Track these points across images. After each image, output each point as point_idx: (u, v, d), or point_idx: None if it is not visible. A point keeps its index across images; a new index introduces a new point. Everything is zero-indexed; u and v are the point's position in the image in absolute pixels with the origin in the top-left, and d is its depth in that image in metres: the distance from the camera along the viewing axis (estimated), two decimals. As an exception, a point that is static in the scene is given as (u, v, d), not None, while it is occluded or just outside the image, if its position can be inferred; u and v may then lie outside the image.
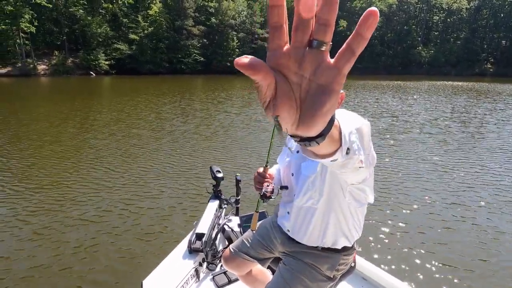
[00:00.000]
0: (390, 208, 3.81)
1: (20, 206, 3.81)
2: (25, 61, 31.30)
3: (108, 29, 36.01)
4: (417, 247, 3.07)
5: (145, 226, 3.38)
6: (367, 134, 0.67)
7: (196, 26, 41.85)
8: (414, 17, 56.38)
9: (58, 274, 2.61)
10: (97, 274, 2.63)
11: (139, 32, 38.02)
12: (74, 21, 34.75)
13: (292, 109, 0.32)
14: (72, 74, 32.88)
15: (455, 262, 2.85)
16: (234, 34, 45.85)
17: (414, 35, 54.04)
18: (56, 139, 6.94)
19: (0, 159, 5.47)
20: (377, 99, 15.41)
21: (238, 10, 46.35)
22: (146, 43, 37.59)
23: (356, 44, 0.30)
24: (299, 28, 0.29)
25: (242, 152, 6.22)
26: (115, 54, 36.13)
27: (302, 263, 1.27)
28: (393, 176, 4.85)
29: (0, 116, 9.44)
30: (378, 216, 3.59)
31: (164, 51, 38.81)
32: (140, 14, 39.17)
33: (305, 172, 1.18)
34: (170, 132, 7.82)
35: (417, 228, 3.42)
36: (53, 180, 4.60)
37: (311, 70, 0.31)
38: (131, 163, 5.46)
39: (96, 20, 35.05)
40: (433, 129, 8.53)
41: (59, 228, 3.32)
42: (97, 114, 10.04)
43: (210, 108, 11.60)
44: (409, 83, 28.51)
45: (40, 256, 2.84)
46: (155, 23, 38.19)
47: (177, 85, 22.79)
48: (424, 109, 12.26)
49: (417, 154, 6.08)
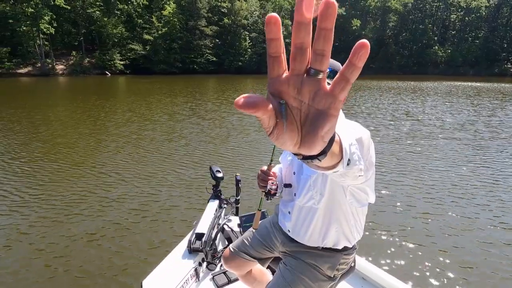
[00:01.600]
0: (391, 208, 3.81)
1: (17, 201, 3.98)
2: (44, 61, 32.38)
3: (123, 30, 36.81)
4: (417, 247, 3.08)
5: (144, 226, 3.39)
6: (367, 144, 0.74)
7: (209, 27, 42.20)
8: (430, 15, 55.02)
9: (57, 274, 2.62)
10: (96, 274, 2.64)
11: (153, 32, 38.67)
12: (91, 22, 35.69)
13: (294, 132, 0.35)
14: (88, 73, 33.81)
15: (455, 262, 2.85)
16: (247, 34, 45.98)
17: (430, 34, 52.76)
18: (71, 134, 7.21)
19: (16, 150, 5.75)
20: (394, 100, 15.02)
21: (250, 10, 46.45)
22: (160, 43, 38.20)
23: (349, 73, 0.31)
24: (296, 58, 0.31)
25: (242, 152, 6.24)
26: (129, 54, 36.93)
27: (303, 263, 1.28)
28: (397, 176, 4.83)
29: (18, 114, 9.86)
30: (378, 216, 3.60)
31: (177, 51, 39.34)
32: (154, 14, 39.83)
33: (307, 171, 1.19)
34: (170, 132, 7.85)
35: (418, 228, 3.42)
36: (52, 179, 4.67)
37: (309, 96, 0.33)
38: (130, 163, 5.48)
39: (112, 21, 35.88)
40: (461, 134, 8.07)
41: (58, 227, 3.33)
42: (108, 114, 10.32)
43: (216, 109, 11.71)
44: (427, 84, 27.70)
45: (38, 257, 2.83)
46: (169, 23, 38.74)
47: (189, 85, 23.07)
48: (448, 112, 11.73)
49: (444, 159, 6.02)
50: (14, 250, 2.95)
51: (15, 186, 4.41)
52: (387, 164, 5.49)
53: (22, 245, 3.05)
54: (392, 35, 55.05)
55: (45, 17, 30.54)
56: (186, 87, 20.92)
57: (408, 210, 3.85)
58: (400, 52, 52.65)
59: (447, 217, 3.69)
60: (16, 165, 5.24)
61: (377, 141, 7.12)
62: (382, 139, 7.31)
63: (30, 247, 3.01)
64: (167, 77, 32.79)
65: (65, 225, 3.40)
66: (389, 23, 54.70)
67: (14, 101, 13.34)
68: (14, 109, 10.95)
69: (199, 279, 1.93)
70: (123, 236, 3.19)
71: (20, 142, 6.74)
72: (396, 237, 3.27)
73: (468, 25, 54.29)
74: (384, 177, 4.88)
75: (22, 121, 8.95)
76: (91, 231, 3.29)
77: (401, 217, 3.69)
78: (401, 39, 53.74)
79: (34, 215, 3.63)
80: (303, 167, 1.22)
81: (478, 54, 50.28)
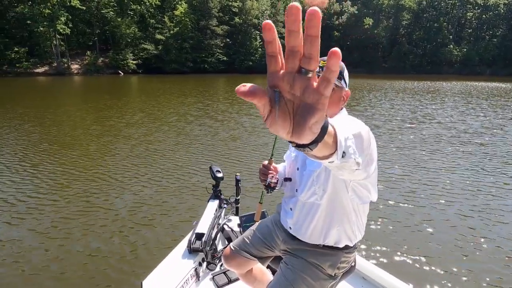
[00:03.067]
0: (391, 208, 3.81)
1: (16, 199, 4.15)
2: (60, 60, 33.27)
3: (136, 30, 37.42)
4: (417, 247, 3.08)
5: (144, 226, 3.39)
6: (366, 138, 0.79)
7: (220, 26, 42.42)
8: (445, 13, 53.68)
9: (57, 274, 2.63)
10: (96, 274, 2.64)
11: (165, 32, 39.16)
12: (105, 22, 36.44)
13: (287, 121, 0.40)
14: (102, 73, 34.56)
15: (456, 262, 2.85)
16: (257, 33, 46.01)
17: (445, 32, 51.50)
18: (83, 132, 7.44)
19: (29, 146, 5.99)
20: (410, 101, 14.59)
21: (261, 9, 46.45)
22: (171, 43, 38.65)
23: (328, 75, 0.37)
24: (289, 59, 0.37)
25: (242, 152, 6.25)
26: (142, 54, 37.53)
27: (304, 262, 1.27)
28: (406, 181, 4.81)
29: (36, 112, 10.22)
30: (379, 216, 3.60)
31: (188, 51, 39.72)
32: (166, 14, 40.31)
33: (310, 167, 1.21)
34: (173, 132, 7.90)
35: (418, 228, 3.42)
36: (52, 179, 4.74)
37: (300, 91, 0.38)
38: (130, 163, 5.51)
39: (125, 21, 36.53)
40: (487, 138, 7.63)
41: (57, 226, 3.36)
42: (118, 114, 10.55)
43: (224, 109, 11.78)
44: (442, 84, 26.98)
45: (37, 257, 2.84)
46: (180, 23, 39.15)
47: (199, 84, 23.30)
48: (472, 114, 11.20)
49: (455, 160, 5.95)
50: (7, 249, 2.97)
51: (18, 184, 4.52)
52: (393, 162, 5.46)
53: (18, 243, 3.07)
54: (405, 34, 54.01)
55: (61, 18, 31.35)
56: (196, 87, 21.15)
57: (409, 210, 3.84)
58: (414, 51, 51.60)
59: (448, 218, 3.68)
60: (24, 162, 5.46)
61: (392, 144, 7.08)
62: (400, 142, 7.25)
63: (29, 246, 3.02)
64: (179, 76, 33.17)
65: (64, 225, 3.41)
66: (402, 22, 53.67)
67: (31, 99, 13.81)
68: (29, 109, 11.34)
69: (199, 279, 1.93)
70: (123, 236, 3.19)
71: (35, 140, 6.99)
72: (396, 237, 3.28)
73: (485, 23, 52.75)
74: (386, 176, 4.86)
75: (35, 120, 9.27)
76: (91, 231, 3.30)
77: (401, 217, 3.69)
78: (414, 37, 52.65)
79: (34, 214, 3.67)
80: (307, 163, 1.24)
81: (495, 53, 48.81)
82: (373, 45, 52.57)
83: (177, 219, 3.56)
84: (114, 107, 11.81)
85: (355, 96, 16.06)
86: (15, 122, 8.82)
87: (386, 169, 5.29)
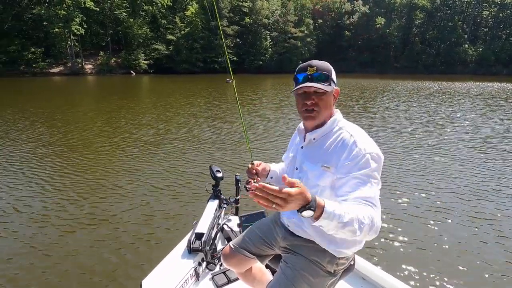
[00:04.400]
0: (391, 208, 3.81)
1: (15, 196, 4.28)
2: (74, 61, 34.10)
3: (147, 30, 37.99)
4: (418, 247, 3.09)
5: (144, 226, 3.39)
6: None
7: (230, 26, 42.61)
8: (460, 12, 52.44)
9: (56, 274, 2.63)
10: (96, 273, 2.63)
11: (176, 32, 39.58)
12: (117, 23, 37.14)
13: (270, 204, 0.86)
14: (114, 73, 35.24)
15: (456, 262, 2.86)
16: (267, 33, 46.01)
17: (459, 31, 50.29)
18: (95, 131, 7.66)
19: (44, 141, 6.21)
20: (426, 102, 14.16)
21: (272, 9, 46.41)
22: (182, 43, 39.05)
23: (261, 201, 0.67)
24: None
25: (243, 152, 6.30)
26: (153, 54, 38.08)
27: (303, 259, 1.29)
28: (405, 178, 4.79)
29: (46, 113, 10.57)
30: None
31: (199, 51, 40.06)
32: (178, 15, 40.75)
33: (308, 167, 1.25)
34: (173, 133, 7.93)
35: (418, 228, 3.42)
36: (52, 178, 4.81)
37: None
38: (130, 162, 5.54)
39: (137, 22, 37.14)
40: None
41: (57, 226, 3.39)
42: (127, 114, 10.78)
43: (231, 110, 11.89)
44: (458, 84, 26.10)
45: (36, 256, 2.86)
46: (191, 23, 39.52)
47: (209, 85, 23.48)
48: (494, 118, 10.46)
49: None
50: (6, 246, 3.03)
51: (22, 183, 4.63)
52: (397, 163, 5.43)
53: (16, 241, 3.12)
54: (418, 33, 53.04)
55: (76, 19, 32.10)
56: (206, 87, 21.35)
57: (410, 210, 3.83)
58: (427, 51, 50.59)
59: (449, 218, 3.68)
60: (32, 161, 5.67)
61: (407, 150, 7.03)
62: (413, 148, 7.20)
63: (27, 244, 3.05)
64: (189, 76, 33.50)
65: (64, 224, 3.43)
66: (415, 21, 52.72)
67: (45, 100, 14.25)
68: (42, 109, 11.70)
69: (198, 279, 1.93)
70: (122, 236, 3.19)
71: (55, 140, 7.25)
72: (396, 236, 3.29)
73: (502, 21, 51.26)
74: (388, 176, 4.85)
75: (50, 120, 9.58)
76: (91, 231, 3.31)
77: (402, 216, 3.69)
78: (428, 37, 51.62)
79: (33, 212, 3.72)
80: (304, 163, 1.27)
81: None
82: (385, 44, 51.83)
83: (177, 219, 3.56)
84: (123, 108, 11.96)
85: (367, 98, 15.83)
86: (26, 122, 9.13)
87: (393, 169, 5.28)
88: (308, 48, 49.30)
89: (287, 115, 10.59)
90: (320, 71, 1.17)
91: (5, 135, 7.49)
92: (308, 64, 1.19)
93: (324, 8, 53.46)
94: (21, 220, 3.57)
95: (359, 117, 10.47)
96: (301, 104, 1.22)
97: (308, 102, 1.18)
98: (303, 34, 48.23)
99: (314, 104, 1.18)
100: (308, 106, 1.19)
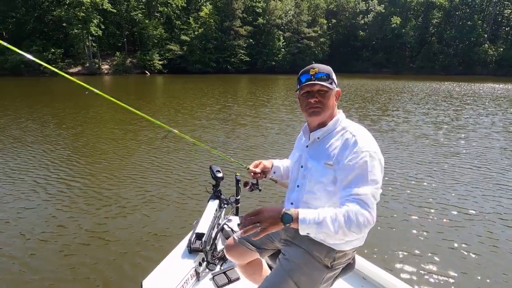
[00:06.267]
0: (392, 208, 3.82)
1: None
2: (92, 61, 35.10)
3: (162, 31, 38.68)
4: (418, 247, 3.11)
5: (144, 226, 3.38)
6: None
7: (243, 27, 42.80)
8: (480, 11, 50.78)
9: (56, 275, 2.64)
10: (96, 274, 2.63)
11: (190, 33, 40.11)
12: (133, 24, 38.01)
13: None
14: (130, 73, 36.09)
15: (456, 262, 2.87)
16: (280, 33, 45.96)
17: (479, 31, 48.69)
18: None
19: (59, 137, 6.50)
20: (447, 106, 13.34)
21: (285, 9, 46.32)
22: (196, 43, 39.53)
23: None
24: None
25: (243, 152, 6.31)
26: (167, 54, 38.74)
27: (301, 251, 1.31)
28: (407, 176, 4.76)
29: (61, 114, 10.98)
30: (380, 216, 3.61)
31: (212, 51, 40.46)
32: (192, 16, 41.27)
33: (311, 167, 1.29)
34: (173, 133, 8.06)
35: (419, 227, 3.44)
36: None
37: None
38: (130, 162, 5.56)
39: (153, 23, 37.88)
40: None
41: (56, 225, 3.41)
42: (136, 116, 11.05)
43: (237, 111, 11.94)
44: (478, 86, 24.87)
45: (36, 256, 2.88)
46: (205, 24, 39.93)
47: (221, 85, 23.67)
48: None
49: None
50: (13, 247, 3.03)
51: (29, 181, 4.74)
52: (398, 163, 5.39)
53: (18, 241, 3.14)
54: (435, 33, 51.72)
55: (94, 20, 33.05)
56: (217, 87, 21.56)
57: (410, 210, 3.81)
58: (444, 51, 49.26)
59: (449, 218, 3.68)
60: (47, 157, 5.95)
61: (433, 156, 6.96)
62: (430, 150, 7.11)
63: (24, 244, 3.06)
64: (202, 76, 33.80)
65: (64, 224, 3.44)
66: (432, 20, 51.43)
67: (68, 99, 14.78)
68: (61, 109, 12.16)
69: (199, 279, 1.93)
70: (122, 236, 3.18)
71: (68, 139, 7.56)
72: (396, 236, 3.30)
73: (524, 20, 49.38)
74: (389, 179, 4.84)
75: (66, 119, 9.97)
76: (91, 231, 3.32)
77: (402, 217, 3.70)
78: (445, 36, 50.25)
79: (34, 211, 3.77)
80: (309, 161, 1.32)
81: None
82: (400, 44, 50.82)
83: (177, 219, 3.56)
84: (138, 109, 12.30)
85: (380, 100, 15.46)
86: (56, 120, 9.52)
87: (396, 169, 5.25)
88: (321, 48, 48.95)
89: (292, 119, 10.63)
90: (321, 72, 1.25)
91: (42, 129, 7.88)
92: (311, 67, 1.28)
93: (338, 7, 52.92)
94: (19, 214, 3.67)
95: (379, 120, 10.00)
96: (305, 103, 1.29)
97: (312, 100, 1.25)
98: (317, 34, 47.92)
99: (318, 101, 1.25)
100: (312, 104, 1.26)
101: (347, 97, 16.04)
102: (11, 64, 29.18)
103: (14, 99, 14.79)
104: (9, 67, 29.15)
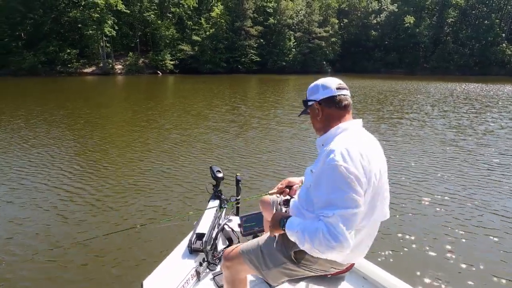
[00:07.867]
0: (392, 208, 3.79)
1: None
2: (106, 61, 35.83)
3: (174, 32, 39.14)
4: (419, 247, 3.11)
5: (144, 226, 3.42)
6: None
7: (254, 27, 42.84)
8: (497, 10, 49.26)
9: (57, 274, 2.67)
10: (96, 274, 2.66)
11: (201, 33, 40.42)
12: (146, 25, 38.60)
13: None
14: (142, 73, 36.65)
15: (457, 262, 2.87)
16: (291, 33, 45.77)
17: (497, 30, 47.25)
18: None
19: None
20: (466, 108, 12.44)
21: (296, 9, 46.11)
22: (207, 44, 39.79)
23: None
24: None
25: (242, 152, 6.36)
26: (179, 54, 39.12)
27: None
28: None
29: (76, 113, 11.29)
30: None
31: (223, 52, 40.64)
32: (203, 16, 41.59)
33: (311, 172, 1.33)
34: (174, 133, 8.02)
35: (419, 228, 3.44)
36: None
37: None
38: (130, 162, 5.63)
39: (165, 23, 38.38)
40: None
41: (56, 225, 3.46)
42: (145, 117, 11.20)
43: (240, 111, 11.95)
44: (497, 87, 23.87)
45: (35, 256, 2.90)
46: (216, 24, 40.18)
47: (231, 85, 23.78)
48: None
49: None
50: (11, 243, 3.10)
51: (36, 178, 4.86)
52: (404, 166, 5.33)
53: (19, 239, 3.20)
54: (450, 32, 50.47)
55: (108, 21, 33.73)
56: (228, 87, 21.68)
57: (411, 210, 3.81)
58: (460, 50, 48.00)
59: (449, 217, 3.67)
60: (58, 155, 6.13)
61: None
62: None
63: (24, 244, 3.10)
64: (212, 76, 34.02)
65: (64, 224, 3.49)
66: (447, 19, 50.22)
67: (84, 98, 15.18)
68: (74, 110, 12.49)
69: (199, 279, 1.94)
70: (122, 236, 3.21)
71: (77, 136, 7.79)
72: (397, 236, 3.30)
73: (545, 19, 47.63)
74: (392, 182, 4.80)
75: (79, 119, 10.24)
76: (91, 230, 3.36)
77: (402, 216, 3.70)
78: (461, 36, 48.97)
79: (34, 211, 3.82)
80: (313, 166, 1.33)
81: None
82: (414, 44, 49.80)
83: (178, 219, 3.49)
84: (142, 111, 11.95)
85: (393, 102, 14.82)
86: (70, 118, 9.82)
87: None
88: (332, 48, 48.46)
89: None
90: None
91: (67, 126, 8.16)
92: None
93: (350, 7, 52.30)
94: (26, 213, 3.76)
95: (398, 124, 9.60)
96: None
97: None
98: (328, 34, 47.48)
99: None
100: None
101: (360, 98, 15.83)
102: (28, 64, 30.17)
103: (44, 95, 15.28)
104: (26, 67, 30.11)
